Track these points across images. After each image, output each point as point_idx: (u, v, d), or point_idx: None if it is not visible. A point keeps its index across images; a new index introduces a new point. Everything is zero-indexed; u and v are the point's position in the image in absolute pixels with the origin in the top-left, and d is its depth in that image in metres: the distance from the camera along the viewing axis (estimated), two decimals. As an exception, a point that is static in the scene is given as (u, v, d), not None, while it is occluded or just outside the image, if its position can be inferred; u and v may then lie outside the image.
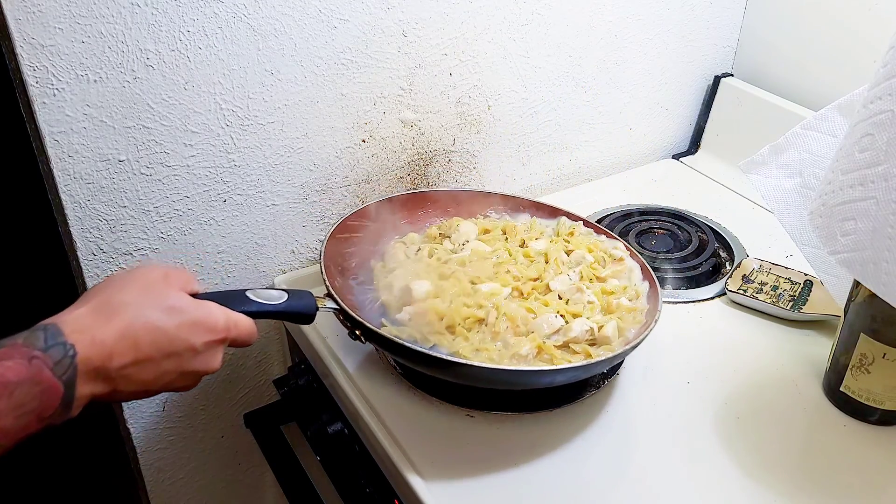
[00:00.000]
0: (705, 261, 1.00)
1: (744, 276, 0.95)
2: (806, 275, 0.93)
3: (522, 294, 0.82)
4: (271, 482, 1.11)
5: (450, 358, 0.71)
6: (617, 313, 0.81)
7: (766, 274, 0.95)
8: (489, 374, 0.72)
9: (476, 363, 0.72)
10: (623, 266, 0.87)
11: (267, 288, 0.69)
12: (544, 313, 0.78)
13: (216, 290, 0.66)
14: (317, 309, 0.72)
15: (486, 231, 0.91)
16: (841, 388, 0.77)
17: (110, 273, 0.85)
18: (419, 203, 0.95)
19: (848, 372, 0.76)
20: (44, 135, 0.74)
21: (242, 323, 0.63)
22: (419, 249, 0.88)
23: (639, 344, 0.76)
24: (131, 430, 0.96)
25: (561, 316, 0.78)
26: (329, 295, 0.75)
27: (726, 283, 0.94)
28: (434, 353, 0.72)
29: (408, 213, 0.93)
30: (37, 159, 0.78)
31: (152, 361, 0.56)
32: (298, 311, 0.71)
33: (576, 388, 0.80)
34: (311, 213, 0.95)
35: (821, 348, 0.84)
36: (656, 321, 0.79)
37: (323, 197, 0.95)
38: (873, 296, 0.66)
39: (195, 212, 0.87)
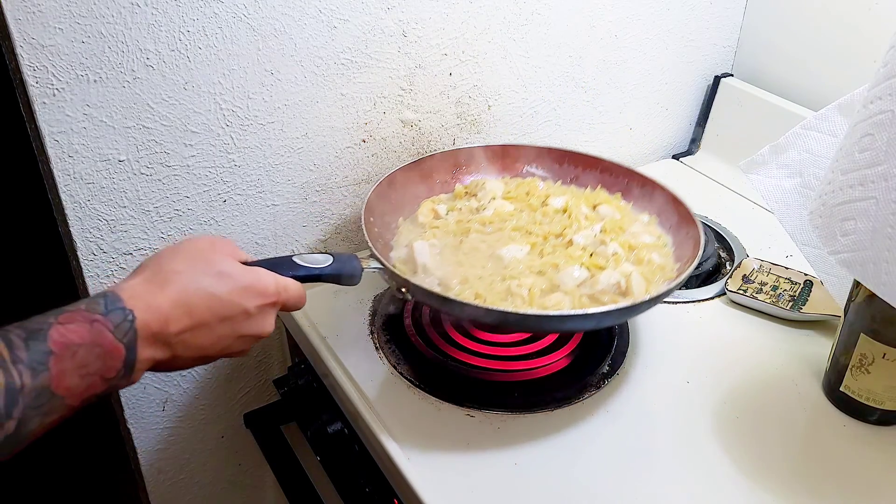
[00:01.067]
0: (705, 261, 1.00)
1: (744, 276, 0.95)
2: (806, 275, 0.93)
3: (543, 254, 0.82)
4: (271, 482, 1.11)
5: (494, 308, 0.72)
6: (645, 267, 0.81)
7: (766, 274, 0.95)
8: (537, 321, 0.74)
9: (523, 311, 0.74)
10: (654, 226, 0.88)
11: (312, 252, 0.70)
12: (568, 267, 0.78)
13: (265, 258, 0.67)
14: (362, 270, 0.73)
15: (510, 193, 0.92)
16: (841, 388, 0.77)
17: (111, 273, 0.85)
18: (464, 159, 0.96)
19: (848, 372, 0.76)
20: (44, 135, 0.74)
21: (292, 287, 0.65)
22: (447, 211, 0.90)
23: (681, 282, 0.76)
24: (131, 430, 0.96)
25: (586, 269, 0.79)
26: (372, 255, 0.75)
27: (726, 283, 0.94)
28: (481, 305, 0.73)
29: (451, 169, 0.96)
30: (37, 159, 0.78)
31: (207, 326, 0.58)
32: (344, 273, 0.72)
33: (576, 388, 0.80)
34: (312, 214, 0.95)
35: (821, 348, 0.84)
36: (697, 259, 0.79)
37: (323, 197, 0.95)
38: (873, 296, 0.66)
39: (195, 212, 0.87)
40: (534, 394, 0.80)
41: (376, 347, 0.85)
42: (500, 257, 0.81)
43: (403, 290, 0.74)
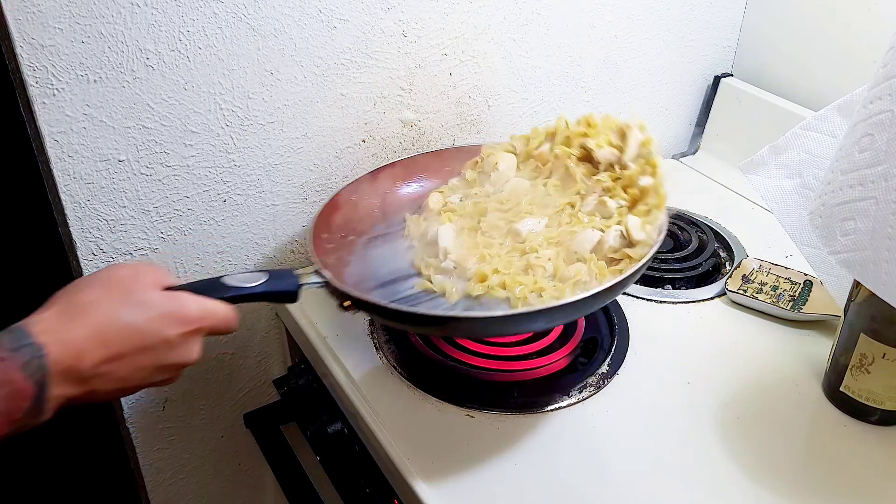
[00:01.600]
0: (705, 261, 1.00)
1: (744, 276, 0.95)
2: (806, 275, 0.93)
3: (560, 224, 0.81)
4: (271, 482, 1.11)
5: (437, 313, 0.71)
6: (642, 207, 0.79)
7: (765, 274, 0.95)
8: (483, 324, 0.72)
9: (465, 314, 0.72)
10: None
11: (246, 272, 0.67)
12: (584, 232, 0.78)
13: (191, 281, 0.65)
14: (300, 286, 0.69)
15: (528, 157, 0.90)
16: (841, 389, 0.77)
17: (110, 273, 0.85)
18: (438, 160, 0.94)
19: (848, 372, 0.76)
20: (44, 135, 0.74)
21: (219, 310, 0.61)
22: (461, 199, 0.89)
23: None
24: (131, 430, 0.96)
25: (599, 231, 0.78)
26: (317, 271, 0.72)
27: (726, 283, 0.94)
28: (427, 312, 0.71)
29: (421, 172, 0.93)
30: (37, 159, 0.78)
31: (125, 358, 0.55)
32: (279, 291, 0.68)
33: (576, 389, 0.80)
34: (311, 213, 0.95)
35: (821, 348, 0.84)
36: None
37: (323, 197, 0.95)
38: (873, 296, 0.66)
39: (195, 212, 0.87)
40: (534, 394, 0.80)
41: (376, 347, 0.85)
42: (518, 232, 0.80)
43: (346, 304, 0.71)
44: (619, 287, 0.71)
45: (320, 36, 0.85)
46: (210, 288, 0.63)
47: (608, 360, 0.84)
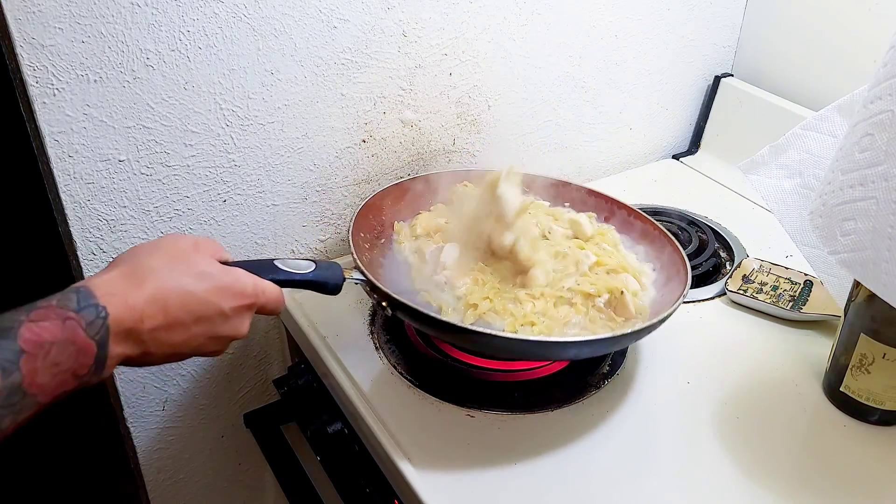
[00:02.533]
0: (705, 261, 1.00)
1: (744, 276, 0.95)
2: (806, 275, 0.93)
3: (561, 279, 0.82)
4: (271, 482, 1.11)
5: (479, 329, 0.72)
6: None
7: (766, 274, 0.95)
8: (515, 344, 0.73)
9: (502, 333, 0.73)
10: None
11: (295, 258, 0.70)
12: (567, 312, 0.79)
13: (246, 260, 0.67)
14: (343, 280, 0.72)
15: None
16: (841, 389, 0.77)
17: (110, 273, 0.85)
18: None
19: (848, 372, 0.76)
20: (44, 135, 0.74)
21: (270, 290, 0.64)
22: (446, 221, 0.90)
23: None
24: (131, 429, 0.96)
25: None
26: (356, 267, 0.75)
27: (726, 283, 0.94)
28: (464, 325, 0.72)
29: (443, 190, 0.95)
30: (37, 159, 0.78)
31: (182, 325, 0.57)
32: (325, 281, 0.71)
33: (576, 389, 0.80)
34: (312, 213, 0.95)
35: (821, 348, 0.84)
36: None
37: (323, 197, 0.95)
38: (873, 296, 0.66)
39: (195, 212, 0.87)
40: (534, 394, 0.80)
41: (376, 347, 0.85)
42: (531, 276, 0.80)
43: (384, 304, 0.74)
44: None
45: (320, 36, 0.85)
46: (264, 268, 0.66)
47: (608, 359, 0.84)
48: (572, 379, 0.81)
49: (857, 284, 0.75)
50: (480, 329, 0.72)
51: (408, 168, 1.00)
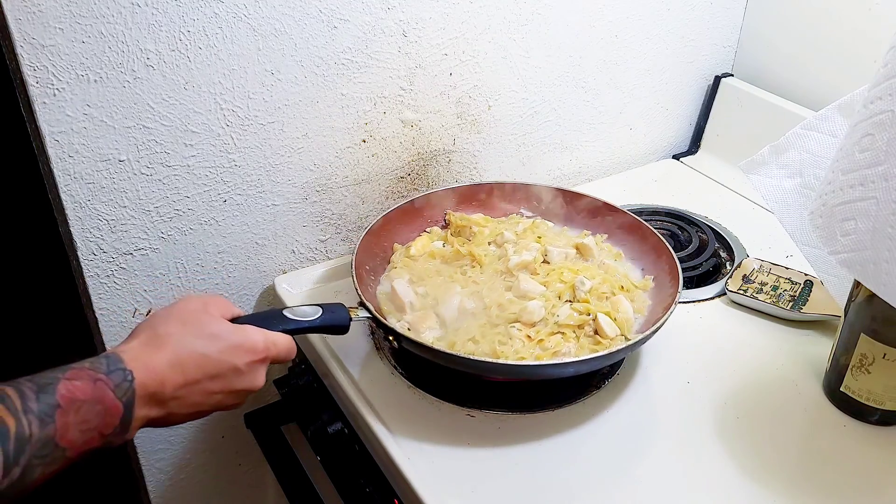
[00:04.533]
0: (705, 261, 1.00)
1: (744, 276, 0.95)
2: (806, 275, 0.93)
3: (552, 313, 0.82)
4: (271, 482, 1.11)
5: (489, 360, 0.73)
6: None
7: (766, 274, 0.95)
8: (522, 370, 0.75)
9: (510, 362, 0.74)
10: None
11: (301, 305, 0.73)
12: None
13: (254, 313, 0.71)
14: (350, 320, 0.75)
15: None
16: (841, 389, 0.77)
17: (110, 273, 0.85)
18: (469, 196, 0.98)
19: (848, 372, 0.76)
20: (44, 135, 0.74)
21: (281, 342, 0.67)
22: (444, 245, 0.92)
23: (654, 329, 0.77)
24: (131, 430, 0.96)
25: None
26: (361, 304, 0.77)
27: (726, 283, 0.94)
28: (475, 358, 0.73)
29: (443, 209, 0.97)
30: (37, 159, 0.78)
31: (200, 384, 0.61)
32: (333, 325, 0.74)
33: (576, 389, 0.80)
34: (312, 213, 0.95)
35: (821, 348, 0.84)
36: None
37: (323, 197, 0.95)
38: (873, 296, 0.66)
39: (195, 212, 0.87)
40: (534, 394, 0.80)
41: (377, 347, 0.85)
42: (528, 308, 0.80)
43: (391, 338, 0.76)
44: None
45: (320, 36, 0.85)
46: (273, 320, 0.69)
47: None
48: (573, 379, 0.81)
49: (857, 284, 0.75)
50: (490, 360, 0.74)
51: (408, 168, 1.00)
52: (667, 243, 0.88)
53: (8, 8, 0.68)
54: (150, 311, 0.89)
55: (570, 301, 0.82)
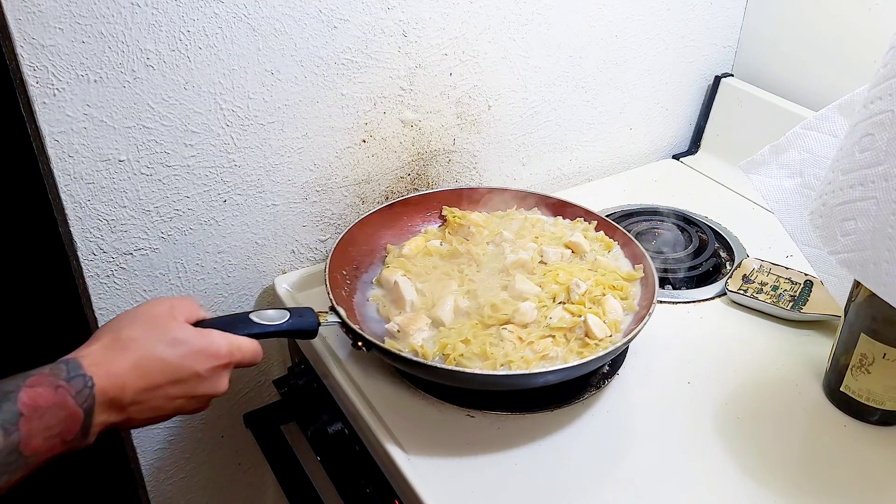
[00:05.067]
0: (705, 261, 1.00)
1: (744, 276, 0.95)
2: (806, 275, 0.93)
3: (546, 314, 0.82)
4: (271, 482, 1.11)
5: (452, 368, 0.73)
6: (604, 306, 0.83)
7: (766, 274, 0.95)
8: (490, 379, 0.74)
9: (477, 371, 0.74)
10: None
11: (268, 308, 0.72)
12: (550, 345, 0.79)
13: (220, 316, 0.69)
14: (318, 325, 0.74)
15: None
16: (841, 389, 0.77)
17: (110, 273, 0.85)
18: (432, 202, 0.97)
19: (848, 372, 0.76)
20: (44, 135, 0.74)
21: (245, 346, 0.67)
22: (441, 243, 0.92)
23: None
24: (132, 430, 0.96)
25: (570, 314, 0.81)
26: (332, 308, 0.77)
27: (726, 283, 0.94)
28: (439, 365, 0.74)
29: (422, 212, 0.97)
30: (37, 159, 0.78)
31: (161, 389, 0.61)
32: (300, 329, 0.73)
33: (576, 389, 0.80)
34: (312, 213, 0.95)
35: (821, 348, 0.84)
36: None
37: (323, 197, 0.95)
38: (873, 296, 0.66)
39: (195, 212, 0.87)
40: (534, 394, 0.79)
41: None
42: (521, 310, 0.80)
43: (360, 343, 0.75)
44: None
45: (320, 36, 0.85)
46: (238, 324, 0.68)
47: (608, 360, 0.84)
48: (572, 379, 0.81)
49: (857, 284, 0.75)
50: (454, 368, 0.73)
51: (408, 168, 1.00)
52: (644, 251, 0.88)
53: (8, 8, 0.68)
54: None
55: (562, 303, 0.83)
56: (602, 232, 0.93)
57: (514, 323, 0.79)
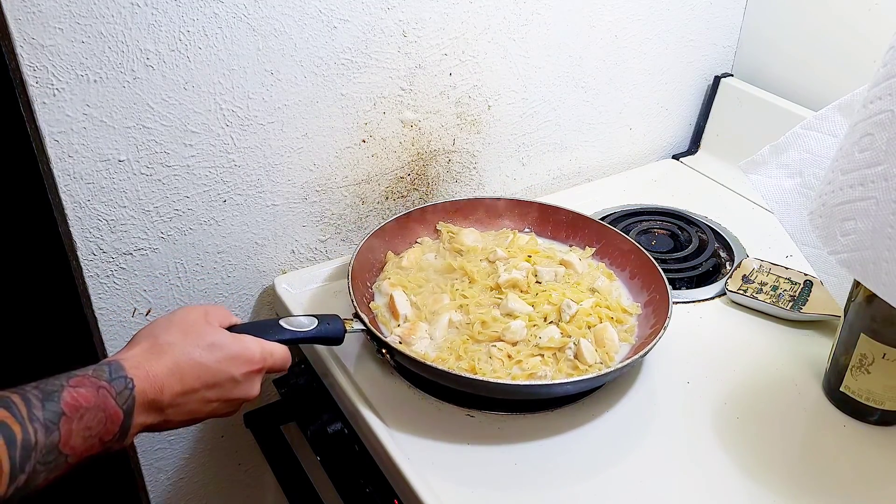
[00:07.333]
0: (705, 261, 1.00)
1: (744, 277, 0.95)
2: (806, 275, 0.93)
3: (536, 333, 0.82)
4: (271, 482, 1.11)
5: (479, 378, 0.74)
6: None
7: (766, 274, 0.95)
8: (510, 388, 0.75)
9: (499, 380, 0.75)
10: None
11: (298, 315, 0.74)
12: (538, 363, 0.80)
13: (252, 321, 0.72)
14: (345, 331, 0.76)
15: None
16: (841, 389, 0.77)
17: (110, 273, 0.85)
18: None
19: (848, 372, 0.76)
20: (44, 135, 0.74)
21: (277, 352, 0.69)
22: (435, 256, 0.93)
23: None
24: (131, 430, 0.96)
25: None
26: (356, 316, 0.78)
27: (726, 283, 0.94)
28: (465, 375, 0.74)
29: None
30: (37, 159, 0.78)
31: (197, 392, 0.63)
32: (328, 336, 0.75)
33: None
34: (311, 213, 0.95)
35: (821, 348, 0.84)
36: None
37: (323, 197, 0.95)
38: (873, 296, 0.66)
39: (195, 212, 0.87)
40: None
41: (377, 347, 0.85)
42: (511, 328, 0.81)
43: (384, 351, 0.77)
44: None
45: (320, 36, 0.85)
46: (269, 329, 0.71)
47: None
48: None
49: (857, 284, 0.75)
50: (480, 378, 0.74)
51: (407, 168, 1.00)
52: (664, 277, 0.87)
53: (8, 8, 0.68)
54: (149, 312, 0.89)
55: (553, 323, 0.83)
56: (607, 261, 0.95)
57: (504, 340, 0.80)
